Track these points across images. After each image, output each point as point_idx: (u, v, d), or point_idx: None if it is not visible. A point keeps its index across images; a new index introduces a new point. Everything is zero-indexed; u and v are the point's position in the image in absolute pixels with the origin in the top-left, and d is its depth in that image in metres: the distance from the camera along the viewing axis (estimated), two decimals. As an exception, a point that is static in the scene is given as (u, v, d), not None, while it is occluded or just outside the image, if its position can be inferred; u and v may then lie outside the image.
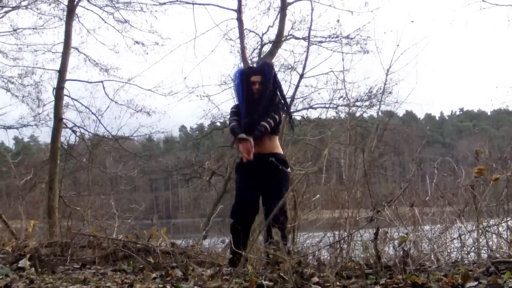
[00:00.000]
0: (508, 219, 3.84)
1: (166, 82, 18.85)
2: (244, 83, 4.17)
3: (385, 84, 10.05)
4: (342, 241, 3.91)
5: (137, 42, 13.21)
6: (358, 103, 12.38)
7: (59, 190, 11.31)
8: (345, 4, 16.21)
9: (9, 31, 13.11)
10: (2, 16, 12.90)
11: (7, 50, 13.35)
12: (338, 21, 11.96)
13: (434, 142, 42.68)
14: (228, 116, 4.45)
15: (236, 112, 4.25)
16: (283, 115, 4.40)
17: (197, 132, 25.77)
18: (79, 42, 13.14)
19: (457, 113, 57.76)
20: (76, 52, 13.07)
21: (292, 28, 11.99)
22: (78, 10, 12.67)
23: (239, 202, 4.18)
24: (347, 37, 11.99)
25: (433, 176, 4.63)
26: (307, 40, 10.84)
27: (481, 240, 3.78)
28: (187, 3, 11.72)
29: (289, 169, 4.24)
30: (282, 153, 4.26)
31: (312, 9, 9.79)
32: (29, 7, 12.83)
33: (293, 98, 10.65)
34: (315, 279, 3.08)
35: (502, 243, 3.69)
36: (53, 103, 12.17)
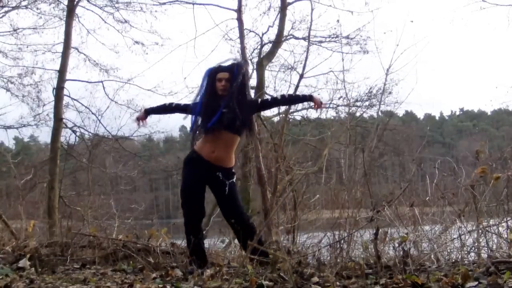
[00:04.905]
0: (508, 219, 3.84)
1: (166, 82, 18.87)
2: (210, 81, 4.18)
3: (385, 84, 10.05)
4: (342, 241, 3.91)
5: (137, 42, 13.23)
6: (358, 103, 12.42)
7: (59, 190, 11.31)
8: (345, 4, 16.24)
9: (9, 31, 13.12)
10: (2, 16, 12.90)
11: (7, 50, 13.37)
12: (338, 21, 11.98)
13: (434, 142, 42.64)
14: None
15: (181, 105, 4.35)
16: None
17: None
18: (79, 42, 13.16)
19: (457, 113, 57.78)
20: (76, 52, 13.09)
21: (292, 28, 12.01)
22: (78, 10, 12.69)
23: (184, 194, 4.16)
24: (347, 37, 12.01)
25: (433, 176, 4.62)
26: (307, 40, 10.84)
27: (481, 240, 3.77)
28: (187, 3, 11.66)
29: (234, 179, 4.23)
30: (231, 166, 4.21)
31: (312, 9, 9.81)
32: (29, 7, 12.83)
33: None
34: (315, 279, 3.09)
35: (502, 243, 3.69)
36: (53, 103, 12.17)
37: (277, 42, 11.42)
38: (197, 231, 4.15)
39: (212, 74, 4.18)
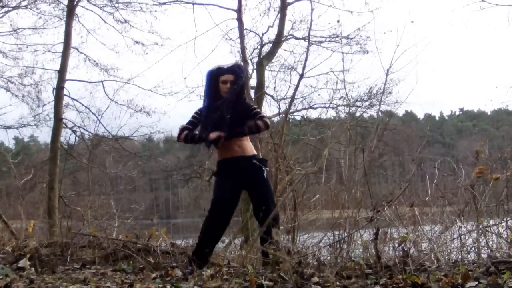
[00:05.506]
0: (508, 219, 3.84)
1: (166, 82, 18.89)
2: (212, 83, 4.18)
3: (385, 84, 10.06)
4: (342, 241, 3.91)
5: (137, 42, 13.23)
6: (358, 103, 12.41)
7: (59, 190, 11.31)
8: (345, 4, 16.19)
9: (9, 31, 13.14)
10: (2, 16, 12.92)
11: (7, 50, 13.39)
12: (338, 21, 11.97)
13: (434, 142, 42.62)
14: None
15: (194, 119, 4.26)
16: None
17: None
18: (79, 42, 13.18)
19: (457, 113, 57.73)
20: (76, 52, 13.11)
21: (292, 28, 12.00)
22: (78, 10, 12.71)
23: (221, 200, 4.15)
24: (347, 37, 12.01)
25: (433, 176, 4.63)
26: (307, 40, 10.83)
27: (481, 240, 3.78)
28: (187, 3, 11.71)
29: (268, 167, 4.31)
30: (256, 153, 4.33)
31: (312, 9, 9.79)
32: (29, 7, 12.85)
33: (293, 98, 10.66)
34: (315, 279, 3.09)
35: (502, 243, 3.69)
36: (53, 103, 12.20)
37: (277, 42, 11.41)
38: (215, 241, 4.22)
39: (214, 77, 4.19)
